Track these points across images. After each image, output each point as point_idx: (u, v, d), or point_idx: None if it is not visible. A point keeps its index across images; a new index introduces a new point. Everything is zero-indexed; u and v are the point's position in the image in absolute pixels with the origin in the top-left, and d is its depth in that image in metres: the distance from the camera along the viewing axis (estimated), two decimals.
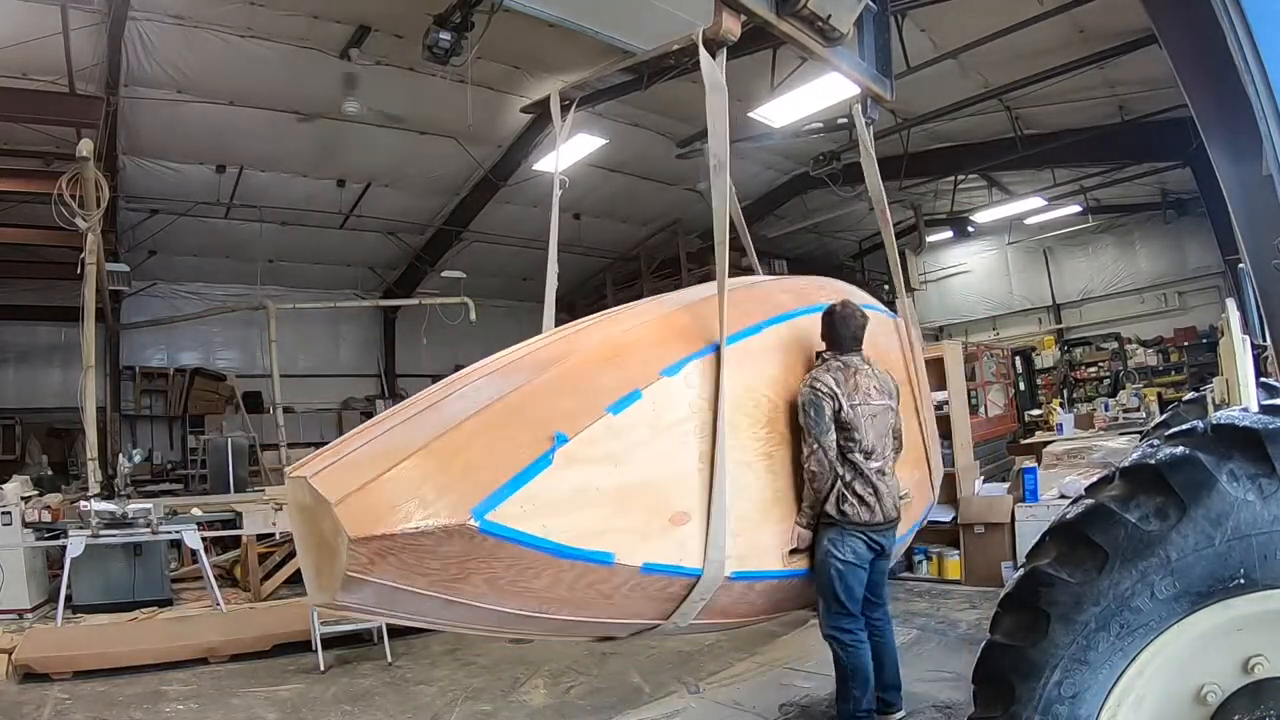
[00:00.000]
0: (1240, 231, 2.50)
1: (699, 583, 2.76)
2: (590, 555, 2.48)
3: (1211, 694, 1.91)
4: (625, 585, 2.62)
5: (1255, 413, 1.94)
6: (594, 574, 2.53)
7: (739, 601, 3.11)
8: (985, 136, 11.60)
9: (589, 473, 2.50)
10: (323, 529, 2.30)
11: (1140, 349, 15.17)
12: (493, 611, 2.48)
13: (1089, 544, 1.92)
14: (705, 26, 3.06)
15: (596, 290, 16.89)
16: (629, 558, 2.56)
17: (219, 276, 13.88)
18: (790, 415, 3.30)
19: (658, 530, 2.66)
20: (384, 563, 2.20)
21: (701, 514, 2.76)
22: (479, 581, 2.36)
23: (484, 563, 2.34)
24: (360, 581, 2.22)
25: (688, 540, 2.72)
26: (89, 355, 8.51)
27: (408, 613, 2.50)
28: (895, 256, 4.81)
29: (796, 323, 3.52)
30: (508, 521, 2.30)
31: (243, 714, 4.61)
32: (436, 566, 2.28)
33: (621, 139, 11.00)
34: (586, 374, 2.73)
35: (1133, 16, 7.21)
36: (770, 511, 3.16)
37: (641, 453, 2.65)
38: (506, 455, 2.39)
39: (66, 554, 6.63)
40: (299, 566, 2.76)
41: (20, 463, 11.45)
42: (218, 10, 7.84)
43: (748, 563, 2.98)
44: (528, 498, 2.34)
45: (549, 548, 2.39)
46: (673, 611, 2.84)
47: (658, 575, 2.66)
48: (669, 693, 4.50)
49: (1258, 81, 2.21)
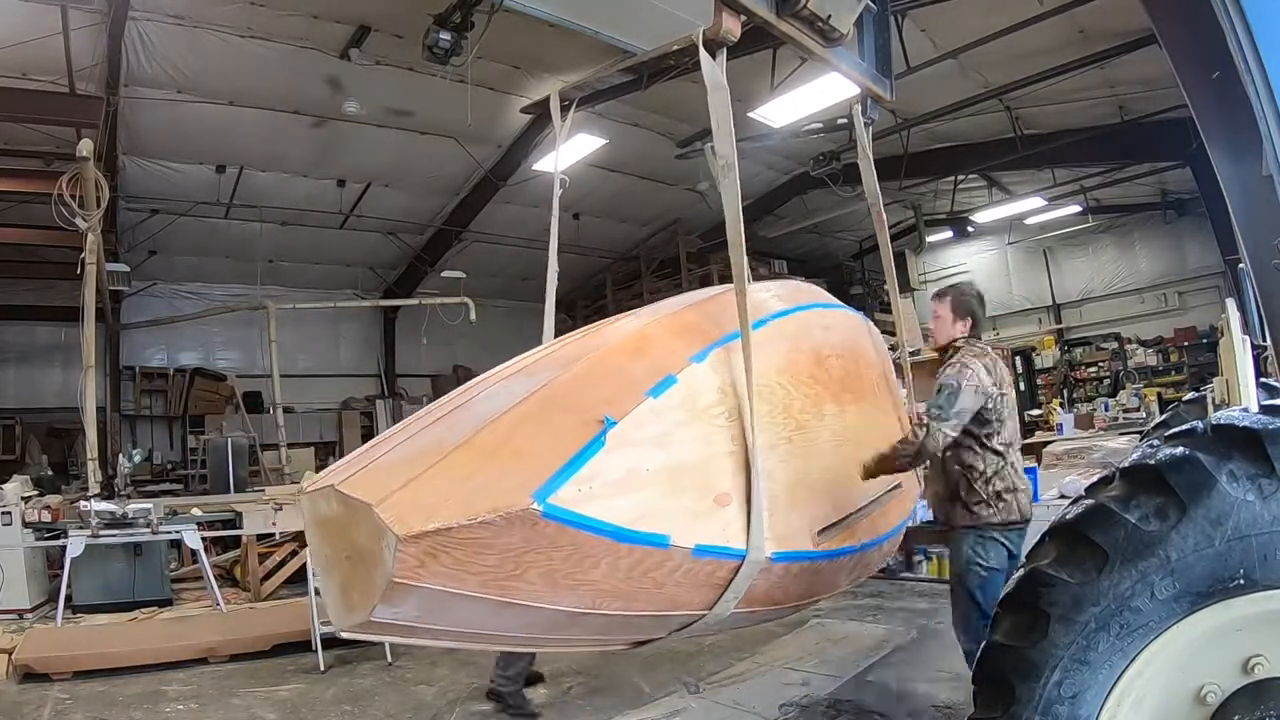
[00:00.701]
0: (1240, 231, 2.50)
1: (744, 565, 2.73)
2: (648, 538, 2.44)
3: (1211, 694, 1.91)
4: (678, 571, 2.58)
5: (1255, 413, 1.94)
6: (650, 559, 2.49)
7: (775, 586, 3.09)
8: (985, 136, 11.60)
9: (639, 454, 2.49)
10: (356, 539, 2.19)
11: (1140, 349, 15.16)
12: (543, 612, 2.40)
13: (1089, 544, 1.92)
14: (705, 27, 3.06)
15: (596, 290, 16.89)
16: (683, 539, 2.53)
17: (219, 276, 13.88)
18: (805, 401, 3.31)
19: (705, 511, 2.66)
20: (435, 564, 2.09)
21: (740, 495, 2.76)
22: (535, 576, 2.27)
23: (543, 553, 2.25)
24: (406, 590, 2.10)
25: (731, 522, 2.72)
26: (89, 355, 8.51)
27: (451, 625, 2.39)
28: (889, 258, 4.83)
29: (795, 317, 3.58)
30: (569, 505, 2.24)
31: (243, 714, 4.61)
32: (492, 563, 2.18)
33: (621, 139, 11.00)
34: (617, 365, 2.77)
35: (1133, 16, 7.21)
36: (796, 494, 3.16)
37: (682, 434, 2.67)
38: (556, 441, 2.37)
39: (66, 554, 6.64)
40: (300, 567, 2.73)
41: (20, 463, 11.45)
42: (218, 10, 7.84)
43: (785, 543, 2.99)
44: (585, 479, 2.30)
45: (609, 531, 2.34)
46: (716, 600, 2.79)
47: (708, 558, 2.63)
48: (669, 693, 4.50)
49: (1258, 81, 2.21)
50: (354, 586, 2.27)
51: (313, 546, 2.54)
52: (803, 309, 3.72)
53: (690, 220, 14.53)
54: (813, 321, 3.76)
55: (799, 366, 3.40)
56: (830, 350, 3.68)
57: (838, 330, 3.91)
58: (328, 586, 2.44)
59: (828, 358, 3.63)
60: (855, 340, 3.98)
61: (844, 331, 3.97)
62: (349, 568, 2.27)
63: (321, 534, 2.40)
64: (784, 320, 3.51)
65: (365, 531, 2.14)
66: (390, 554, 2.05)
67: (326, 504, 2.31)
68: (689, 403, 2.74)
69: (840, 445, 3.50)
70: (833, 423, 3.48)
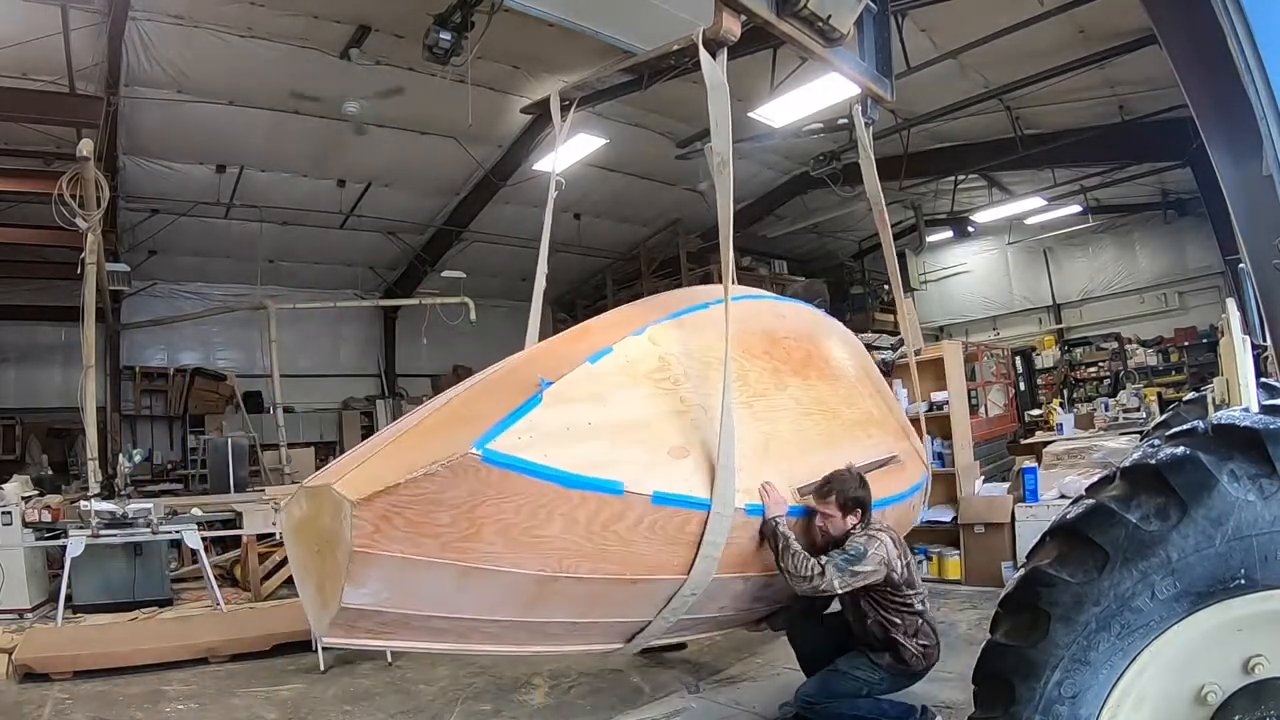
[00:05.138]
0: (1240, 231, 2.50)
1: (711, 516, 2.74)
2: (598, 484, 2.48)
3: (1212, 694, 1.91)
4: (642, 524, 2.60)
5: (1256, 413, 1.95)
6: (607, 509, 2.51)
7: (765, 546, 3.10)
8: (985, 136, 11.60)
9: (579, 410, 2.60)
10: (322, 526, 2.27)
11: (1140, 349, 15.16)
12: (508, 579, 2.40)
13: (1090, 544, 1.92)
14: (705, 27, 3.06)
15: (596, 290, 16.88)
16: (638, 486, 2.56)
17: (219, 276, 13.88)
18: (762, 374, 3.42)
19: (660, 462, 2.71)
20: (390, 528, 2.15)
21: (698, 450, 2.81)
22: (491, 534, 2.31)
23: (493, 505, 2.30)
24: (367, 560, 2.15)
25: (692, 474, 2.75)
26: (89, 355, 8.51)
27: (421, 607, 2.42)
28: (893, 258, 4.84)
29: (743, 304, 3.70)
30: (510, 451, 2.32)
31: (243, 714, 4.61)
32: (446, 521, 2.23)
33: (621, 139, 11.00)
34: (560, 348, 3.00)
35: (1133, 16, 7.22)
36: (767, 453, 3.21)
37: (624, 394, 2.79)
38: (495, 404, 2.49)
39: (66, 554, 6.63)
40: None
41: (20, 463, 11.46)
42: (218, 10, 7.84)
43: (758, 496, 3.03)
44: (524, 429, 2.40)
45: (555, 476, 2.39)
46: (694, 560, 2.77)
47: (671, 508, 2.66)
48: (669, 693, 4.50)
49: (1258, 81, 2.21)
50: (325, 577, 2.31)
51: (291, 557, 2.59)
52: (752, 298, 3.91)
53: (690, 220, 14.53)
54: (763, 309, 3.92)
55: (751, 342, 3.50)
56: (786, 334, 3.80)
57: (791, 320, 4.04)
58: (306, 593, 2.48)
59: (784, 339, 3.74)
60: (814, 331, 4.13)
61: (799, 322, 4.10)
62: (319, 562, 2.33)
63: (296, 539, 2.46)
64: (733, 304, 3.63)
65: (328, 514, 2.22)
66: (348, 525, 2.12)
67: (298, 506, 2.39)
68: (628, 368, 2.86)
69: (810, 415, 3.59)
70: (798, 394, 3.57)
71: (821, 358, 3.98)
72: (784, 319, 3.99)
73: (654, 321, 3.17)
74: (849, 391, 4.09)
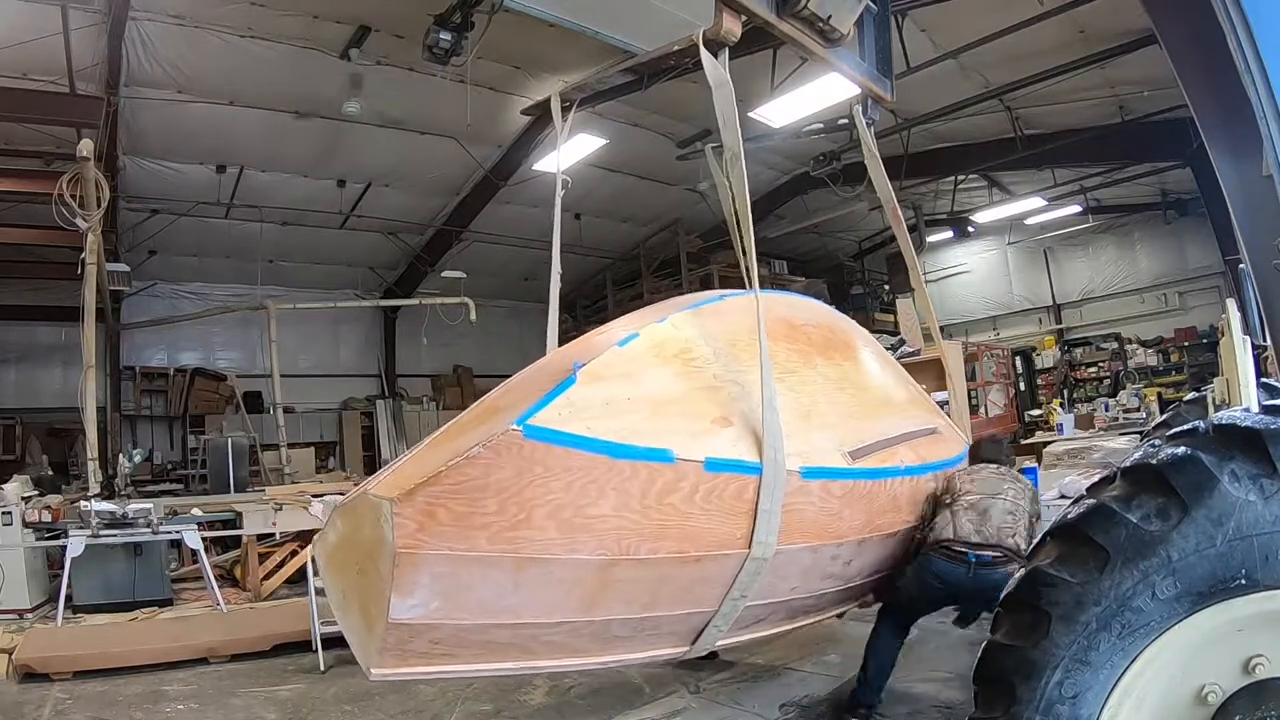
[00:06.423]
0: (1240, 231, 2.50)
1: (764, 479, 2.64)
2: (648, 453, 2.38)
3: (1212, 694, 1.91)
4: (698, 493, 2.50)
5: (1256, 413, 1.94)
6: (660, 479, 2.41)
7: (824, 512, 2.99)
8: (985, 136, 11.60)
9: (614, 387, 2.56)
10: (361, 540, 2.14)
11: (1140, 349, 15.15)
12: (567, 569, 2.28)
13: (1090, 544, 1.92)
14: (706, 27, 3.07)
15: (597, 290, 16.89)
16: (688, 453, 2.47)
17: (219, 276, 13.88)
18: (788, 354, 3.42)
19: (705, 431, 2.64)
20: (434, 523, 2.03)
21: (739, 419, 2.74)
22: (542, 519, 2.20)
23: (541, 485, 2.19)
24: (413, 562, 2.01)
25: (739, 440, 2.68)
26: (89, 355, 8.50)
27: (476, 615, 2.26)
28: (911, 253, 4.83)
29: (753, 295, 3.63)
30: (551, 424, 2.23)
31: (243, 714, 4.60)
32: (493, 509, 2.12)
33: (621, 139, 11.00)
34: (587, 342, 3.08)
35: (1133, 16, 7.22)
36: (810, 420, 3.15)
37: (656, 372, 2.77)
38: (530, 392, 2.47)
39: (67, 554, 6.63)
40: (300, 567, 2.73)
41: (20, 463, 11.45)
42: (218, 10, 7.84)
43: (813, 460, 2.92)
44: (564, 404, 2.34)
45: (602, 447, 2.29)
46: (752, 531, 2.65)
47: (726, 474, 2.56)
48: (669, 693, 4.49)
49: (1258, 81, 2.21)
50: (369, 599, 2.16)
51: (330, 592, 2.46)
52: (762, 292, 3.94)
53: (691, 220, 14.53)
54: (776, 300, 3.92)
55: (773, 328, 3.45)
56: (803, 320, 3.79)
57: (804, 311, 4.03)
58: (351, 624, 2.32)
59: (803, 325, 3.73)
60: (830, 320, 4.14)
61: (814, 312, 4.10)
62: (361, 582, 2.20)
63: (334, 567, 2.35)
64: (740, 298, 3.64)
65: (368, 524, 2.11)
66: (389, 526, 2.00)
67: (333, 531, 2.30)
68: (656, 349, 2.87)
69: (842, 389, 3.56)
70: (827, 370, 3.56)
71: (843, 342, 3.97)
72: (798, 309, 4.00)
73: (676, 311, 3.21)
74: (875, 371, 4.09)
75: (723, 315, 3.27)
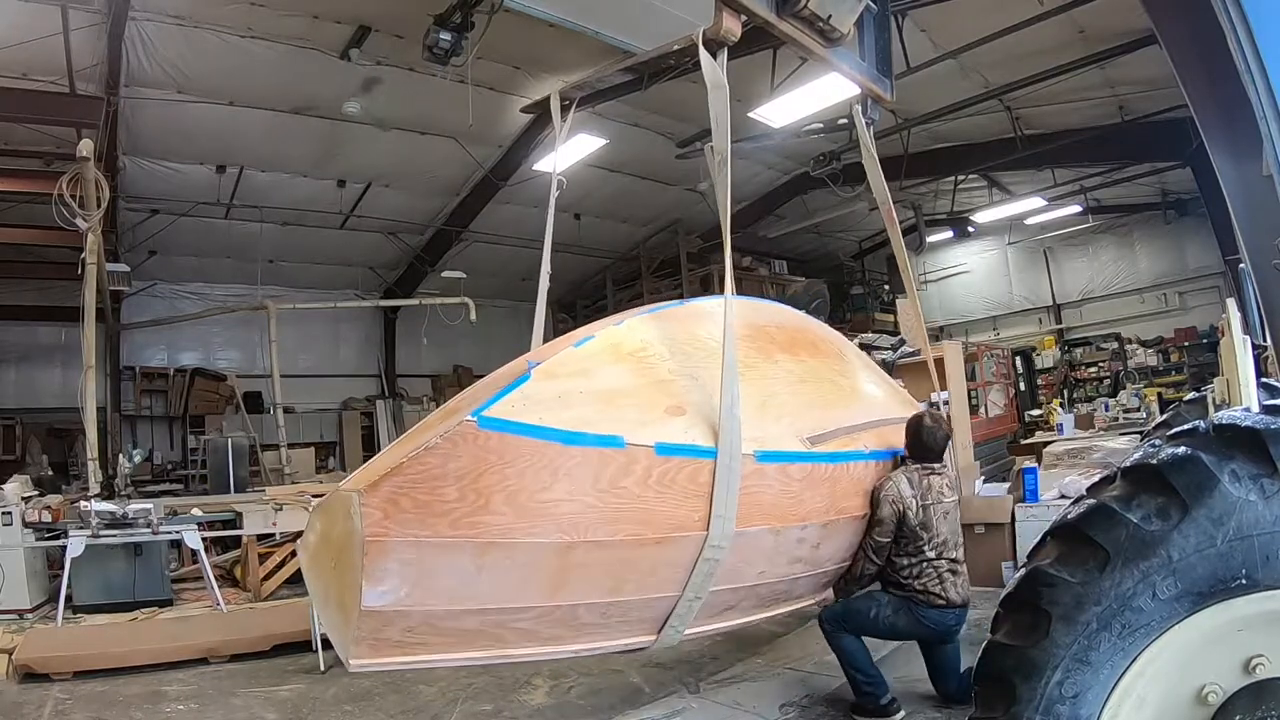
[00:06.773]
0: (1240, 231, 2.50)
1: (719, 462, 2.72)
2: (598, 439, 2.50)
3: (1213, 694, 1.90)
4: (650, 477, 2.60)
5: (1257, 413, 1.94)
6: (612, 464, 2.52)
7: (784, 495, 3.06)
8: (985, 136, 11.60)
9: (568, 382, 2.66)
10: (336, 535, 2.28)
11: (1140, 349, 15.16)
12: (528, 553, 2.39)
13: (1090, 544, 1.92)
14: (705, 27, 3.07)
15: (596, 290, 16.89)
16: (638, 438, 2.58)
17: (219, 276, 13.88)
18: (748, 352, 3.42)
19: (657, 420, 2.74)
20: (399, 510, 2.16)
21: (693, 408, 2.84)
22: (500, 504, 2.32)
23: (497, 472, 2.31)
24: (382, 550, 2.15)
25: (691, 427, 2.77)
26: (89, 355, 8.51)
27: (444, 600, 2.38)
28: (904, 256, 4.81)
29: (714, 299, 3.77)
30: (504, 415, 2.37)
31: (243, 714, 4.61)
32: (454, 496, 2.25)
33: (621, 139, 11.00)
34: (547, 348, 3.17)
35: (1133, 16, 7.21)
36: (766, 410, 3.21)
37: (610, 369, 2.85)
38: (490, 388, 2.61)
39: (67, 554, 6.63)
40: (299, 567, 2.78)
41: (20, 463, 11.44)
42: (218, 10, 7.84)
43: (767, 444, 3.00)
44: (518, 398, 2.46)
45: (554, 435, 2.42)
46: (709, 514, 2.72)
47: (679, 458, 2.66)
48: (669, 693, 4.49)
49: (1258, 81, 2.21)
50: (345, 590, 2.29)
51: (313, 592, 2.59)
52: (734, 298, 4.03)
53: (690, 220, 14.53)
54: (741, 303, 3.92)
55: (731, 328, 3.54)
56: (766, 321, 3.83)
57: (770, 314, 4.08)
58: (330, 620, 2.46)
59: (766, 325, 3.77)
60: (796, 321, 4.17)
61: (780, 315, 4.13)
62: (338, 576, 2.32)
63: (315, 565, 2.47)
64: (700, 302, 3.76)
65: (340, 518, 2.24)
66: (358, 518, 2.12)
67: (312, 532, 2.43)
68: (612, 349, 2.95)
69: (805, 382, 3.61)
70: (791, 365, 3.59)
71: (808, 341, 3.99)
72: (764, 312, 4.06)
73: (634, 315, 3.31)
74: (843, 366, 4.09)
75: (680, 318, 3.36)
